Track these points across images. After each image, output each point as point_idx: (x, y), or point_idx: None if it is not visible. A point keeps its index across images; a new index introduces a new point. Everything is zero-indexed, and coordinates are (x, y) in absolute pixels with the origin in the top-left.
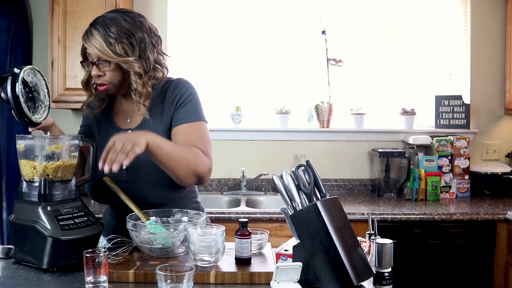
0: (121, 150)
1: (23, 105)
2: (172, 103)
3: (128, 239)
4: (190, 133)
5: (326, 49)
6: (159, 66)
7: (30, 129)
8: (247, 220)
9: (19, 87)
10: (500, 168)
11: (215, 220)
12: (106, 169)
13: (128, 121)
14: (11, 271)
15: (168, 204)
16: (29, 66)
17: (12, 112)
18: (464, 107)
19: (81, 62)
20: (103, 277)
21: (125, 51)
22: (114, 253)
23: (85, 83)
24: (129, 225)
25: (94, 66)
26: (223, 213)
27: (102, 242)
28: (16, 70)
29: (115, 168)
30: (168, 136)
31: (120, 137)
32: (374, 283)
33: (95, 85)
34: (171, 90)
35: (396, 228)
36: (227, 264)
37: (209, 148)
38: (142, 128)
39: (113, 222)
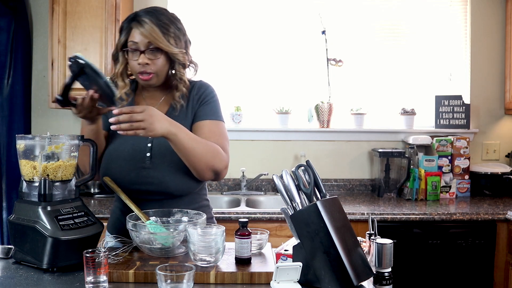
0: (136, 123)
1: (110, 84)
2: (198, 101)
3: (128, 239)
4: (212, 129)
5: (326, 49)
6: (192, 64)
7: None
8: (247, 220)
9: (98, 69)
10: (500, 168)
11: (215, 220)
12: (114, 127)
13: None
14: (11, 271)
15: (185, 197)
16: (78, 54)
17: (101, 100)
18: (464, 107)
19: (124, 50)
20: (103, 277)
21: (175, 42)
22: (114, 253)
23: (120, 74)
24: (129, 225)
25: (142, 54)
26: (223, 213)
27: (108, 240)
28: (80, 61)
29: (120, 132)
30: (191, 128)
31: (147, 113)
32: (374, 283)
33: (128, 77)
34: (195, 89)
35: (396, 228)
36: (227, 264)
37: (227, 146)
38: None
39: (119, 215)
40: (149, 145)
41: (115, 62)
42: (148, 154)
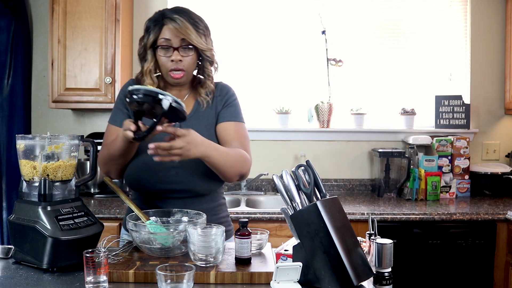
0: (175, 151)
1: (178, 105)
2: (222, 100)
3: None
4: (238, 131)
5: (326, 49)
6: (215, 64)
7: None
8: (247, 220)
9: (169, 97)
10: (500, 168)
11: None
12: (156, 158)
13: None
14: (11, 271)
15: (207, 195)
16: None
17: (171, 121)
18: (464, 107)
19: (156, 47)
20: (103, 277)
21: (205, 39)
22: (114, 253)
23: (149, 72)
24: (129, 225)
25: (176, 51)
26: None
27: (126, 238)
28: (138, 98)
29: (155, 158)
30: (214, 126)
31: (186, 140)
32: (374, 283)
33: (170, 71)
34: (218, 90)
35: (396, 228)
36: (227, 264)
37: (249, 146)
38: (195, 115)
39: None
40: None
41: (142, 60)
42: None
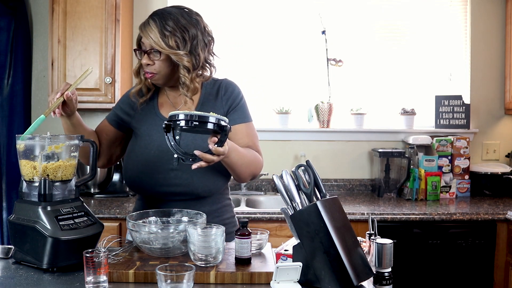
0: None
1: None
2: (227, 101)
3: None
4: (250, 133)
5: (326, 49)
6: (207, 65)
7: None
8: (247, 220)
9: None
10: (500, 168)
11: None
12: (193, 166)
13: None
14: (11, 271)
15: (209, 197)
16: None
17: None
18: (464, 107)
19: (134, 50)
20: (103, 277)
21: (177, 45)
22: (114, 253)
23: (136, 71)
24: (129, 225)
25: (146, 55)
26: None
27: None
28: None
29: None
30: None
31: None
32: (374, 283)
33: (144, 73)
34: (223, 88)
35: (396, 228)
36: (227, 264)
37: (259, 144)
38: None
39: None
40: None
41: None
42: (175, 156)
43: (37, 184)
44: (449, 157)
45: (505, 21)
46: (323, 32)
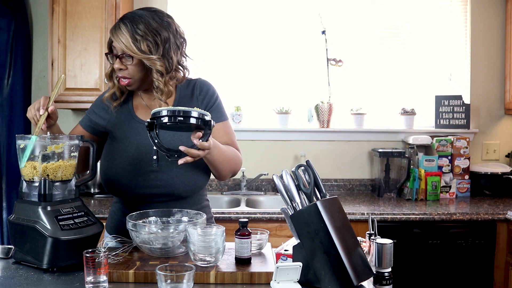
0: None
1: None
2: (203, 101)
3: (128, 239)
4: (228, 131)
5: (326, 49)
6: (180, 67)
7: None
8: (247, 220)
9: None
10: (500, 168)
11: (215, 220)
12: (179, 162)
13: None
14: (11, 271)
15: (189, 198)
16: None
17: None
18: (464, 107)
19: (106, 54)
20: (103, 277)
21: (149, 49)
22: (114, 253)
23: (108, 75)
24: (129, 225)
25: (118, 59)
26: (223, 213)
27: (108, 240)
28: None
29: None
30: None
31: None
32: (374, 283)
33: (118, 78)
34: (198, 88)
35: (396, 228)
36: (227, 264)
37: (236, 142)
38: None
39: (121, 216)
40: (155, 147)
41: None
42: (154, 157)
43: (37, 184)
44: (449, 157)
45: (505, 21)
46: (323, 32)
